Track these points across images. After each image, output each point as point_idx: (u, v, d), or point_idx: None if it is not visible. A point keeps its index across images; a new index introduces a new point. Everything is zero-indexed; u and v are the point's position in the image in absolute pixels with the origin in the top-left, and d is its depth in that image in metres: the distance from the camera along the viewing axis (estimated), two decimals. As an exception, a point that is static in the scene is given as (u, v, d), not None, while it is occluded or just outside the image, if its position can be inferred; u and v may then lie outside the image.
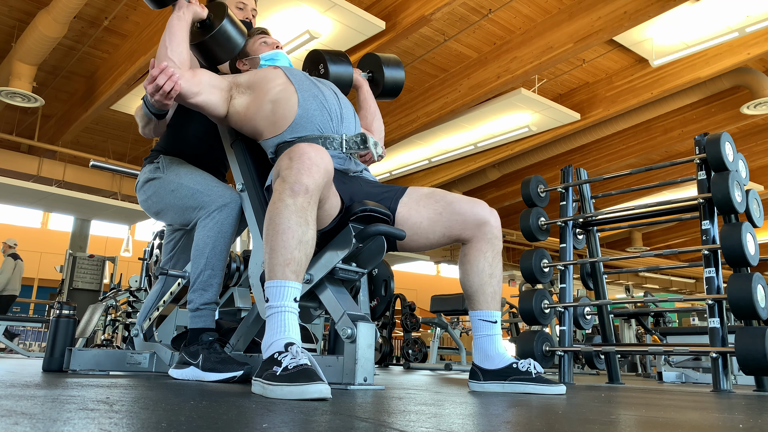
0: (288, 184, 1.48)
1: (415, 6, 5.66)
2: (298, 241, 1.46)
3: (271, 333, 1.43)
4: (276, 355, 1.34)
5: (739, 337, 2.42)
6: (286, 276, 1.46)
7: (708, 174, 2.79)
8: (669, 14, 5.72)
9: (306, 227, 1.47)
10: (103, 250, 11.47)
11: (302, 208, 1.47)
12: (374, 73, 2.47)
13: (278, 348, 1.36)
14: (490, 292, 1.81)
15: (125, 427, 0.75)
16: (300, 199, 1.47)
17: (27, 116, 8.85)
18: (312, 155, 1.50)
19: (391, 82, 2.44)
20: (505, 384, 1.75)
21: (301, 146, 1.52)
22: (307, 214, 1.48)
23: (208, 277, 1.99)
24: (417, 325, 6.65)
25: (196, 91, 1.84)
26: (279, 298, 1.45)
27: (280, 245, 1.46)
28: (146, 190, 2.17)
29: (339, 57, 2.30)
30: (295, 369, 1.27)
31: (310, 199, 1.48)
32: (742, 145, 9.01)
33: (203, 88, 1.86)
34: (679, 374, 4.54)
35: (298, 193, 1.47)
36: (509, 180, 10.74)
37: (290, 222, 1.46)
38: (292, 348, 1.34)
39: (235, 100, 1.92)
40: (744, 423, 1.12)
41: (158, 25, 6.18)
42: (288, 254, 1.46)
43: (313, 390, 1.22)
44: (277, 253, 1.47)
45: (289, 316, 1.44)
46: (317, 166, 1.49)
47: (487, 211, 1.82)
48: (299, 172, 1.48)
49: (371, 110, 2.43)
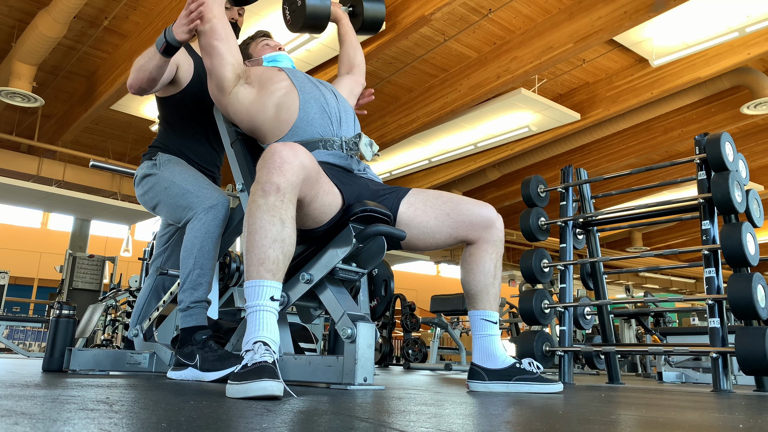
0: (259, 185, 1.49)
1: (415, 6, 5.65)
2: (272, 239, 1.46)
3: (247, 332, 1.43)
4: (243, 354, 1.35)
5: (739, 337, 2.42)
6: (261, 275, 1.46)
7: (708, 174, 2.79)
8: (669, 14, 5.71)
9: (281, 225, 1.47)
10: (103, 250, 11.47)
11: (274, 206, 1.47)
12: (354, 7, 2.44)
13: (246, 347, 1.36)
14: (492, 294, 1.84)
15: (125, 427, 0.75)
16: (271, 198, 1.47)
17: (27, 116, 8.85)
18: (284, 153, 1.50)
19: (371, 15, 2.41)
20: (510, 384, 1.77)
21: (274, 146, 1.53)
22: (281, 212, 1.48)
23: (197, 276, 2.02)
24: (417, 325, 6.65)
25: (223, 36, 1.92)
26: (255, 298, 1.45)
27: (253, 245, 1.47)
28: (143, 185, 2.24)
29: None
30: (252, 366, 1.27)
31: (282, 197, 1.48)
32: (742, 145, 9.00)
33: (229, 43, 1.93)
34: (679, 374, 4.54)
35: (268, 192, 1.47)
36: (509, 180, 10.74)
37: (262, 221, 1.46)
38: (256, 346, 1.34)
39: (241, 87, 1.94)
40: (744, 423, 1.12)
41: (158, 25, 6.18)
42: (262, 253, 1.46)
43: (256, 387, 1.21)
44: (251, 253, 1.47)
45: (265, 315, 1.44)
46: (289, 164, 1.49)
47: (494, 215, 1.86)
48: (269, 172, 1.48)
49: (352, 44, 2.43)
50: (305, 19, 2.22)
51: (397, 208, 1.84)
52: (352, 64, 2.41)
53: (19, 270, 11.68)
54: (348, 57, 2.41)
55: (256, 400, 1.18)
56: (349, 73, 2.40)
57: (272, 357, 1.31)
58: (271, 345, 1.37)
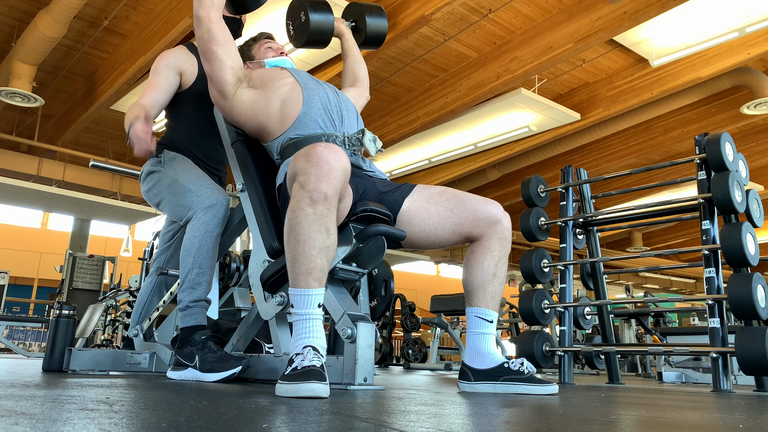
0: (307, 192, 1.47)
1: (415, 6, 5.65)
2: (319, 249, 1.48)
3: (296, 337, 1.49)
4: (293, 357, 1.42)
5: (739, 337, 2.42)
6: (309, 285, 1.49)
7: (708, 174, 2.79)
8: (669, 14, 5.71)
9: (326, 234, 1.48)
10: (103, 250, 11.46)
11: (322, 215, 1.47)
12: (357, 22, 2.46)
13: (297, 350, 1.44)
14: (490, 291, 1.79)
15: (125, 427, 0.75)
16: (320, 208, 1.47)
17: (27, 116, 8.85)
18: (330, 159, 1.49)
19: (374, 30, 2.43)
20: (497, 384, 1.72)
21: (318, 149, 1.50)
22: (327, 221, 1.48)
23: (195, 275, 2.03)
24: (417, 325, 6.65)
25: (221, 41, 1.90)
26: (304, 306, 1.49)
27: (301, 255, 1.48)
28: (148, 182, 2.27)
29: (320, 5, 2.27)
30: (302, 369, 1.35)
31: (329, 205, 1.48)
32: (742, 145, 9.00)
33: (228, 48, 1.91)
34: (679, 374, 4.54)
35: (317, 201, 1.46)
36: (509, 180, 10.73)
37: (311, 231, 1.47)
38: (306, 350, 1.41)
39: (243, 90, 1.93)
40: (744, 423, 1.12)
41: (158, 25, 6.17)
42: (310, 263, 1.48)
43: (305, 389, 1.29)
44: (299, 262, 1.49)
45: (313, 322, 1.49)
46: (335, 170, 1.48)
47: (500, 211, 1.83)
48: (318, 180, 1.47)
49: (356, 59, 2.44)
50: (309, 35, 2.22)
51: (400, 206, 1.83)
52: (356, 78, 2.42)
53: (19, 270, 11.67)
54: (352, 71, 2.42)
55: (303, 399, 1.26)
56: (353, 86, 2.41)
57: (320, 361, 1.40)
58: (320, 350, 1.44)
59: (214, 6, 1.91)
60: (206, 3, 1.89)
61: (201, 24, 1.89)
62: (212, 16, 1.90)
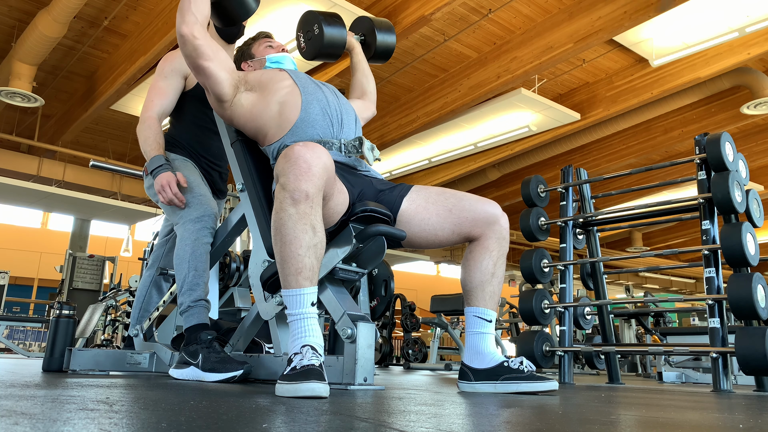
0: (288, 192, 1.48)
1: (415, 6, 5.65)
2: (306, 247, 1.48)
3: (293, 337, 1.49)
4: (292, 357, 1.42)
5: (739, 337, 2.42)
6: (300, 284, 1.49)
7: (708, 174, 2.79)
8: (669, 14, 5.71)
9: (312, 232, 1.49)
10: (103, 250, 11.45)
11: (305, 214, 1.48)
12: (366, 36, 2.47)
13: (295, 350, 1.45)
14: (489, 291, 1.80)
15: (125, 427, 0.75)
16: (302, 206, 1.48)
17: (27, 116, 8.85)
18: (308, 157, 1.49)
19: (383, 45, 2.44)
20: (497, 384, 1.72)
21: (296, 148, 1.51)
22: (312, 219, 1.49)
23: (192, 277, 2.06)
24: (417, 325, 6.65)
25: (210, 55, 1.85)
26: (297, 306, 1.50)
27: (289, 255, 1.49)
28: (149, 179, 2.29)
29: (334, 19, 2.27)
30: (301, 369, 1.36)
31: (312, 203, 1.49)
32: (742, 145, 9.00)
33: (218, 59, 1.87)
34: (679, 374, 4.54)
35: (299, 200, 1.47)
36: (509, 180, 10.73)
37: (296, 231, 1.48)
38: (304, 350, 1.42)
39: (242, 95, 1.92)
40: (744, 423, 1.12)
41: (158, 25, 6.17)
42: (299, 263, 1.48)
43: (305, 388, 1.30)
44: (287, 263, 1.50)
45: (308, 321, 1.49)
46: (314, 168, 1.49)
47: (498, 211, 1.83)
48: (297, 179, 1.48)
49: (365, 73, 2.44)
50: (322, 48, 2.22)
51: (399, 206, 1.83)
52: (364, 91, 2.42)
53: (19, 270, 11.67)
54: (360, 84, 2.42)
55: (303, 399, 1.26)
56: (360, 98, 2.40)
57: (319, 360, 1.40)
58: (318, 349, 1.45)
59: (198, 22, 1.85)
60: (189, 19, 1.83)
61: (186, 42, 1.82)
62: (196, 32, 1.83)
